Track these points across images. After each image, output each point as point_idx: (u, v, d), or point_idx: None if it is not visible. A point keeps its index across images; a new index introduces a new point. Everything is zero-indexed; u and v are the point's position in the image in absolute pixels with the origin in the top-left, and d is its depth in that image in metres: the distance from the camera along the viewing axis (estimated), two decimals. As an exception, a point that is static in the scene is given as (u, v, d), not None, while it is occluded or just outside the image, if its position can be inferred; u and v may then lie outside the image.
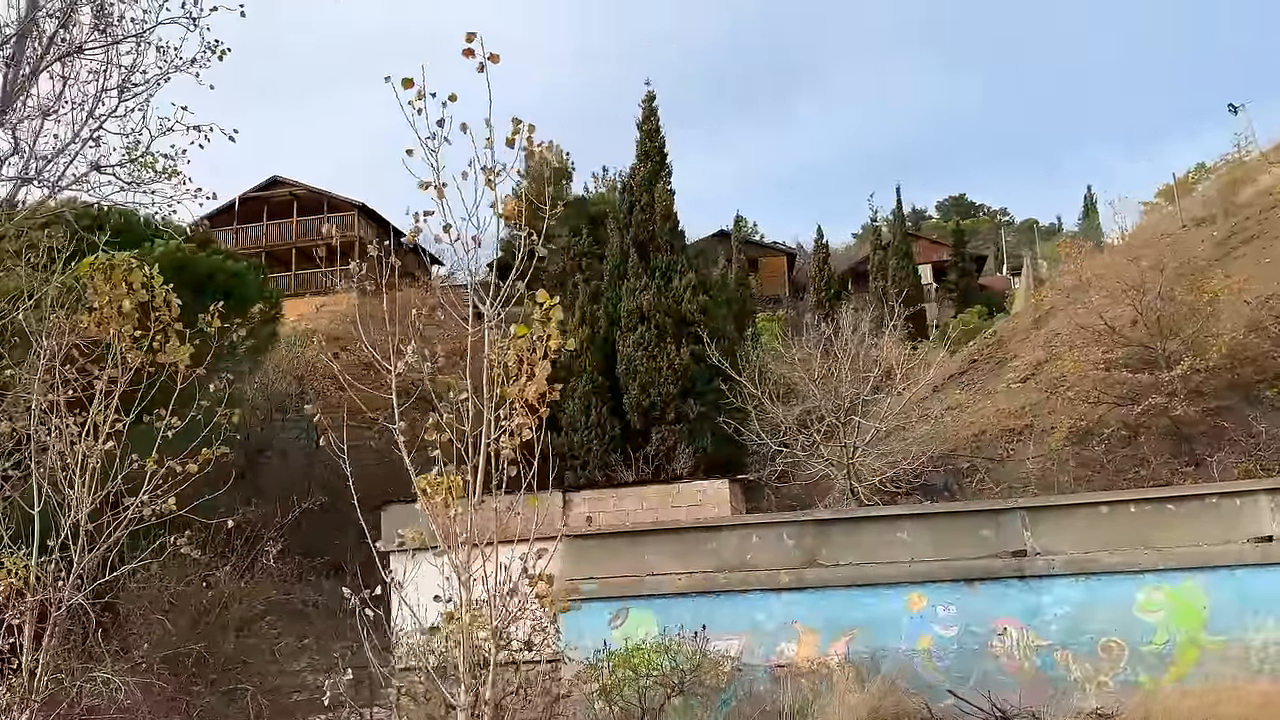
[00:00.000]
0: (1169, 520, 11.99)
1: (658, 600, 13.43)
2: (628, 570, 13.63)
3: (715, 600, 13.28)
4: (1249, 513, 11.69)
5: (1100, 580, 12.03)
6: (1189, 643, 11.45)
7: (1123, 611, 11.79)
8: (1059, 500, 13.12)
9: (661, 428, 19.59)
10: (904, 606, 12.62)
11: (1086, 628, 11.87)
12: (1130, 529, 12.07)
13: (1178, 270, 19.56)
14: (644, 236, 21.40)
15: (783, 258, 58.20)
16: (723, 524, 13.60)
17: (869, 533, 13.08)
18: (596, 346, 20.87)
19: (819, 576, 12.98)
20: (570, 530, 14.06)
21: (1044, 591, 12.22)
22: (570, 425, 20.07)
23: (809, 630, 12.80)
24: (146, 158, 12.96)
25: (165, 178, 13.06)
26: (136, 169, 12.77)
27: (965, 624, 12.31)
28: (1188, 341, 16.56)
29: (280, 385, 27.38)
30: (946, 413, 19.37)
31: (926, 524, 12.97)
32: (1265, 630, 11.20)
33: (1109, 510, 12.28)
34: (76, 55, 10.33)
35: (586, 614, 13.77)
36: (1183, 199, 28.48)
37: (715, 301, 21.23)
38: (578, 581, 13.82)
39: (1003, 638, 12.15)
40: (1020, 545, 12.46)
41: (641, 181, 21.93)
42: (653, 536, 13.70)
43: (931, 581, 12.60)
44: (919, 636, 12.40)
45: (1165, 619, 11.63)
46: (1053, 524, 12.43)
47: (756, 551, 13.33)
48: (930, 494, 17.21)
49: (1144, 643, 11.61)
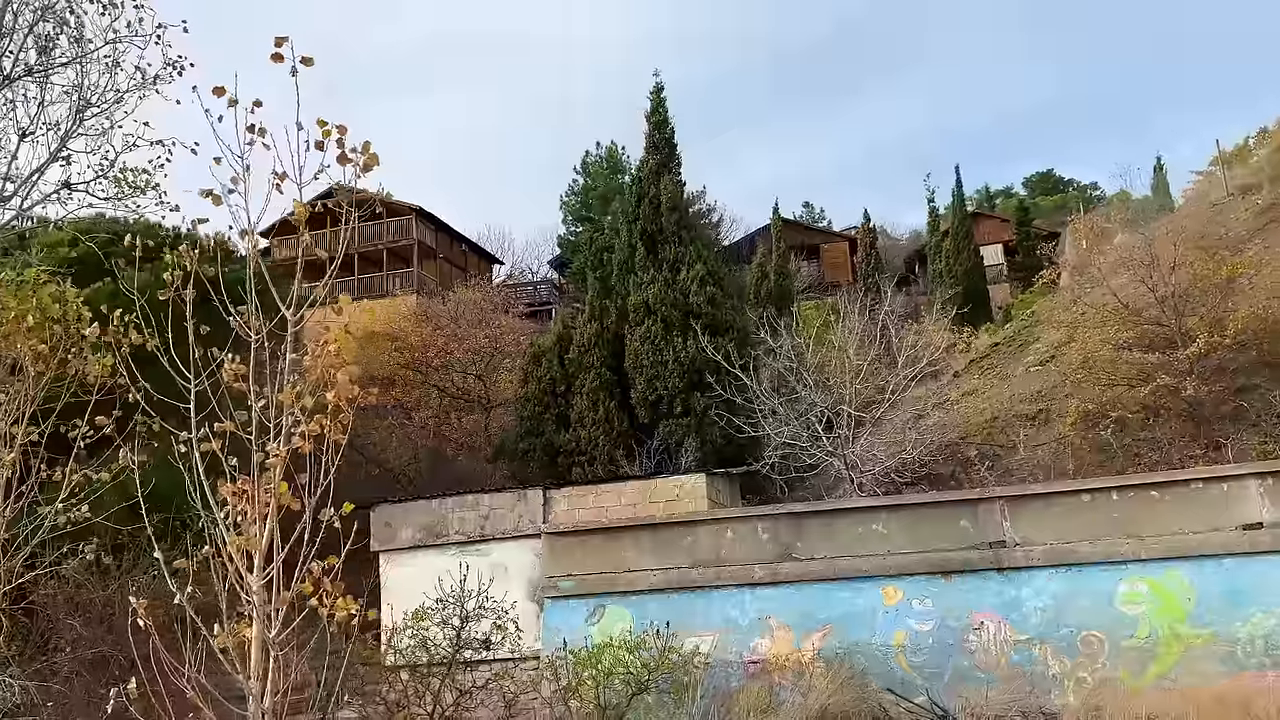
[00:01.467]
0: (1153, 508, 11.41)
1: (633, 597, 13.32)
2: (605, 567, 13.54)
3: (691, 596, 13.10)
4: (1237, 499, 11.05)
5: (1081, 571, 11.51)
6: (1172, 637, 10.88)
7: (1104, 604, 11.27)
8: (1039, 489, 12.57)
9: (669, 421, 19.43)
10: (879, 600, 12.26)
11: (1066, 621, 11.38)
12: (1113, 517, 11.52)
13: (1200, 243, 18.60)
14: (652, 229, 21.23)
15: (845, 243, 57.28)
16: (697, 519, 13.41)
17: (844, 525, 12.74)
18: (605, 341, 20.79)
19: (793, 571, 12.70)
20: (550, 528, 14.03)
21: (1023, 584, 11.74)
22: (579, 420, 20.04)
23: (783, 626, 12.54)
24: (126, 174, 13.32)
25: (139, 192, 13.41)
26: (110, 185, 13.11)
27: (941, 618, 11.90)
28: (1205, 318, 15.69)
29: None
30: (963, 398, 18.76)
31: (903, 515, 12.58)
32: (1252, 623, 10.58)
33: (1091, 498, 11.73)
34: (7, 85, 10.62)
35: (566, 611, 13.79)
36: (1239, 166, 27.02)
37: (725, 293, 20.93)
38: (557, 579, 13.83)
39: (979, 632, 11.71)
40: (999, 536, 12.00)
41: (649, 173, 21.75)
42: (630, 533, 13.57)
43: (907, 574, 12.22)
44: (894, 631, 12.04)
45: (1147, 612, 11.07)
46: (1033, 514, 11.94)
47: (731, 546, 13.11)
48: (936, 483, 16.69)
49: (1126, 637, 11.07)
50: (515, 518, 14.34)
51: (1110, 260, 17.65)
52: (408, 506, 14.85)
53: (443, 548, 14.55)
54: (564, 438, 19.97)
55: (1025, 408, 18.35)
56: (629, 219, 21.90)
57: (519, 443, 20.71)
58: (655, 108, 22.56)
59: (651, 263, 20.86)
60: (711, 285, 20.65)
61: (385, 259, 52.86)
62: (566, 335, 21.35)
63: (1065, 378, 17.66)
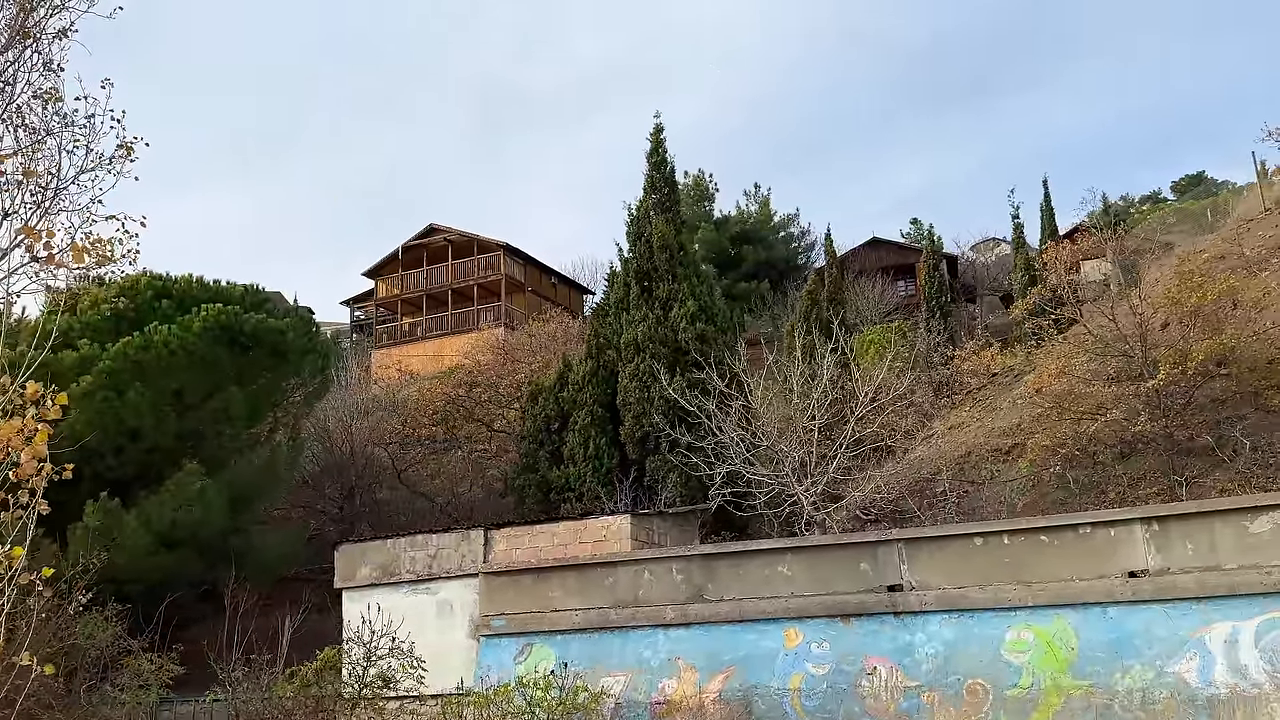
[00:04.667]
0: (1043, 552, 11.14)
1: (558, 636, 13.72)
2: (534, 606, 13.99)
3: (609, 636, 13.41)
4: (1124, 544, 10.70)
5: (972, 617, 11.33)
6: (1053, 687, 10.58)
7: (991, 652, 11.06)
8: (934, 532, 12.39)
9: (655, 458, 19.72)
10: (781, 642, 12.31)
11: (955, 669, 11.19)
12: (1004, 562, 11.31)
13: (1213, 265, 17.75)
14: (647, 267, 21.64)
15: (942, 262, 56.24)
16: (618, 560, 13.70)
17: (753, 567, 12.84)
18: (601, 379, 21.26)
19: (703, 612, 12.88)
20: (488, 567, 14.57)
21: (917, 629, 11.62)
22: (570, 457, 20.55)
23: (689, 667, 12.70)
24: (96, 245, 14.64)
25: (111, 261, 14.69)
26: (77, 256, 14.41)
27: (837, 662, 11.87)
28: (1173, 348, 14.95)
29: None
30: (949, 432, 18.36)
31: (807, 557, 12.60)
32: (1131, 674, 10.20)
33: (983, 542, 11.53)
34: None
35: (498, 649, 14.30)
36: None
37: (719, 328, 21.10)
38: (490, 617, 14.35)
39: (872, 677, 11.62)
40: (896, 579, 11.91)
41: (643, 213, 22.19)
42: (557, 573, 13.99)
43: (809, 617, 12.24)
44: (791, 674, 12.06)
45: (1031, 660, 10.80)
46: (928, 557, 11.81)
47: (648, 587, 13.37)
48: (900, 520, 16.43)
49: (1009, 686, 10.82)
50: (459, 557, 14.95)
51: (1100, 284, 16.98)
52: (365, 546, 15.67)
53: (396, 585, 15.28)
54: (555, 474, 20.52)
55: (999, 441, 17.82)
56: (623, 258, 22.39)
57: (517, 478, 21.37)
58: (655, 148, 23.01)
59: (644, 300, 21.25)
60: (703, 322, 20.88)
61: (475, 294, 54.91)
62: (565, 373, 21.95)
63: (1037, 412, 17.08)
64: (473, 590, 14.71)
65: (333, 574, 16.10)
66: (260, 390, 22.91)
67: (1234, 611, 9.95)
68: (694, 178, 63.32)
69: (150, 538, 19.63)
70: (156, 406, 20.18)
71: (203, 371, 20.81)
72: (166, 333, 20.32)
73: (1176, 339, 15.25)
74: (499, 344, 46.02)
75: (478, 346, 46.11)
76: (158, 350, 20.20)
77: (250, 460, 23.02)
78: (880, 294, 47.16)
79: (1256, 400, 15.36)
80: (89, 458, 20.05)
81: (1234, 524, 10.15)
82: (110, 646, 11.82)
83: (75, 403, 19.37)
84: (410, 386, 41.23)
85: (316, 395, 24.77)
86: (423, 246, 57.01)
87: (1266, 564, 9.89)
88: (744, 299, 54.53)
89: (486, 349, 44.97)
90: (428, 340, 53.69)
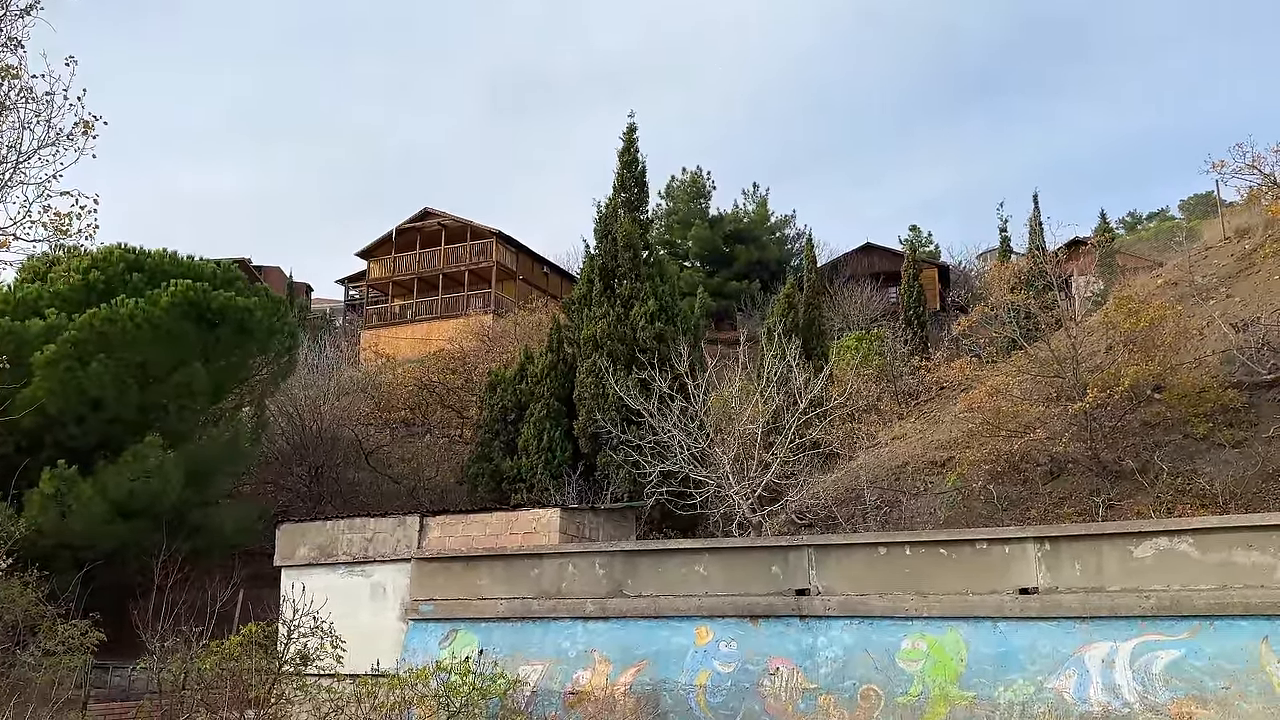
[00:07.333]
0: (941, 565, 11.48)
1: (483, 624, 14.07)
2: (462, 594, 14.34)
3: (531, 625, 13.76)
4: (1017, 561, 11.03)
5: (871, 624, 11.67)
6: (940, 697, 10.92)
7: (887, 659, 11.38)
8: (842, 539, 12.73)
9: (605, 453, 20.05)
10: (692, 640, 12.64)
11: (853, 673, 11.52)
12: (904, 573, 11.64)
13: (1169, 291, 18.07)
14: (611, 265, 21.94)
15: (934, 270, 56.64)
16: (543, 552, 14.04)
17: (672, 565, 13.17)
18: (560, 373, 21.58)
19: (621, 606, 13.21)
20: (420, 553, 14.91)
21: (820, 633, 11.95)
22: (524, 448, 20.89)
23: (604, 660, 13.04)
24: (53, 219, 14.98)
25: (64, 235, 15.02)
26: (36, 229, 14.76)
27: (743, 661, 12.20)
28: (1104, 371, 15.26)
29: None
30: (892, 442, 18.68)
31: (723, 558, 12.94)
32: (1014, 689, 10.54)
33: (886, 551, 11.86)
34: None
35: (425, 633, 14.66)
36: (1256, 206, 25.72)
37: (679, 328, 21.42)
38: (419, 602, 14.70)
39: (774, 678, 11.95)
40: (805, 584, 12.25)
41: (612, 211, 22.48)
42: (485, 562, 14.33)
43: (720, 616, 12.58)
44: (699, 671, 12.39)
45: (923, 669, 11.13)
46: (835, 563, 12.14)
47: (571, 580, 13.71)
48: (832, 527, 16.77)
49: (900, 693, 11.15)
50: (395, 541, 15.29)
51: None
52: (305, 526, 16.00)
53: (333, 566, 15.62)
54: (508, 465, 20.86)
55: (935, 454, 18.15)
56: (590, 254, 22.70)
57: (471, 466, 21.71)
58: (627, 147, 23.28)
59: (606, 297, 21.56)
60: (662, 321, 21.18)
61: (467, 279, 55.23)
62: (526, 365, 22.27)
63: (970, 427, 17.41)
64: (405, 575, 15.05)
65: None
66: (226, 367, 23.24)
67: (1113, 632, 10.29)
68: (691, 174, 63.59)
69: (106, 506, 19.97)
70: (120, 378, 20.50)
71: (168, 346, 21.13)
72: (133, 306, 20.63)
73: (1108, 363, 15.57)
74: (484, 331, 46.37)
75: (463, 332, 46.45)
76: (123, 323, 20.51)
77: (213, 435, 23.37)
78: (867, 300, 47.56)
79: (1184, 427, 15.69)
80: (50, 426, 20.46)
81: (1120, 548, 10.49)
82: (27, 613, 12.16)
83: (39, 370, 19.80)
84: (390, 370, 41.56)
85: (283, 374, 25.10)
86: (416, 230, 57.31)
87: (1146, 588, 10.22)
88: (734, 298, 54.94)
89: (472, 335, 45.32)
90: (416, 323, 54.00)
